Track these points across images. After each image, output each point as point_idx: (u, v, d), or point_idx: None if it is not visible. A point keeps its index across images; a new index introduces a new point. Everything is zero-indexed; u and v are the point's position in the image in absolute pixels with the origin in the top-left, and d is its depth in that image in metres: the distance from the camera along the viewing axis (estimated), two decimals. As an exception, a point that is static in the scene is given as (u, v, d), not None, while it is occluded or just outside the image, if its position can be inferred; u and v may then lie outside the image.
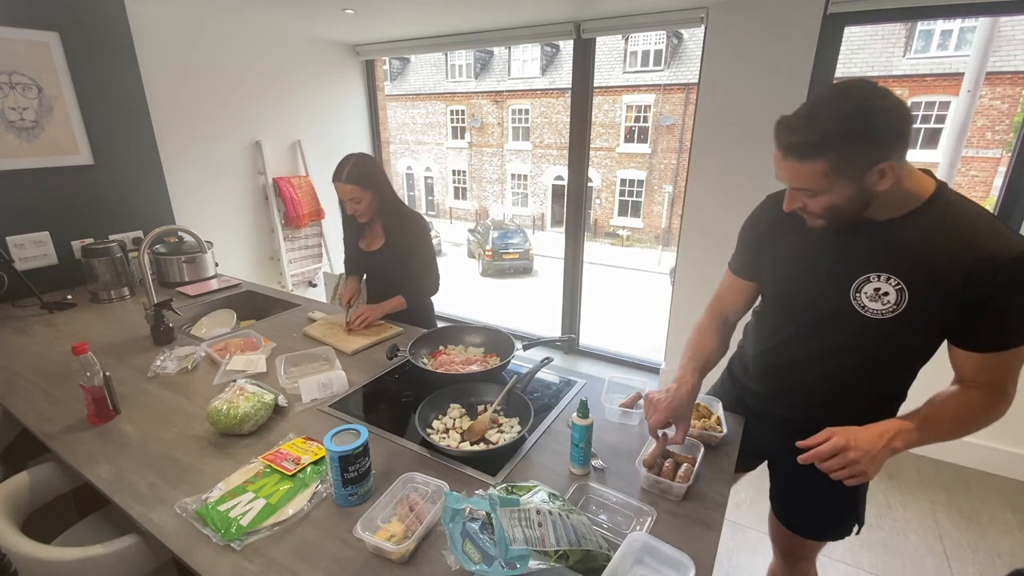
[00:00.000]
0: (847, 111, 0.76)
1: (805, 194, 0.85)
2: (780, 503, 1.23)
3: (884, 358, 0.95)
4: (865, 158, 0.78)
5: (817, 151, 0.79)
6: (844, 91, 0.78)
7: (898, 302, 0.87)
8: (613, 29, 2.80)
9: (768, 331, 1.11)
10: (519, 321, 6.91)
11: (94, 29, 2.10)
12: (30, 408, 1.27)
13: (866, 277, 0.89)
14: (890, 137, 0.77)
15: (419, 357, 1.45)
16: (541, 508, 0.79)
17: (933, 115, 10.77)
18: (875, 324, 0.89)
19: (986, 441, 2.33)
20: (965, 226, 0.83)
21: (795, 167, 0.82)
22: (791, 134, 0.81)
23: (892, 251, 0.87)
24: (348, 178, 1.63)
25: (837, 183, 0.81)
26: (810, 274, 0.97)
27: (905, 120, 0.76)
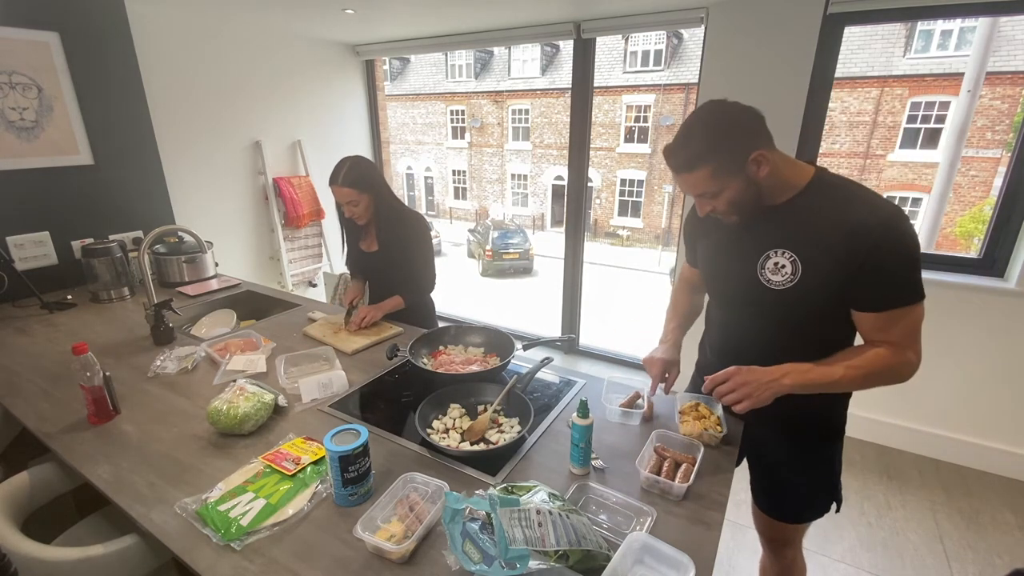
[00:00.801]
0: (708, 123, 0.94)
1: (707, 197, 0.99)
2: (758, 490, 1.28)
3: (802, 327, 1.05)
4: (737, 153, 0.92)
5: (698, 161, 0.93)
6: (704, 111, 0.95)
7: (794, 272, 0.99)
8: (613, 29, 2.80)
9: (713, 320, 1.27)
10: (519, 321, 6.91)
11: (94, 29, 2.10)
12: (30, 408, 1.27)
13: (767, 254, 1.02)
14: (747, 131, 0.93)
15: (419, 357, 1.45)
16: (541, 508, 0.79)
17: (933, 115, 10.78)
18: (781, 295, 1.01)
19: (986, 441, 2.34)
20: (841, 200, 0.96)
21: (688, 179, 0.96)
22: (675, 156, 0.96)
23: (784, 229, 1.00)
24: (344, 181, 1.63)
25: (725, 181, 0.94)
26: (727, 259, 1.12)
27: (753, 116, 0.93)
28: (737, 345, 1.17)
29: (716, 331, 1.25)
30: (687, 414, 1.15)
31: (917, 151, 11.08)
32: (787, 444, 1.17)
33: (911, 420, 2.46)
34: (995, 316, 2.19)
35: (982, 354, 2.26)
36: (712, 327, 1.28)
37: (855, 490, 2.23)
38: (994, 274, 2.24)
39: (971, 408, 2.34)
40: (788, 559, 1.35)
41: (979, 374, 2.28)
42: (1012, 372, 2.22)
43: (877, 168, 11.49)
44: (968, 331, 2.25)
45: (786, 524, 1.26)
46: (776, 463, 1.21)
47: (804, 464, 1.19)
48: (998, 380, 2.25)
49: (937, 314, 2.29)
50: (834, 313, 1.02)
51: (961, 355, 2.29)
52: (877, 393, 2.57)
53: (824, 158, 11.68)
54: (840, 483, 1.22)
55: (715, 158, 0.92)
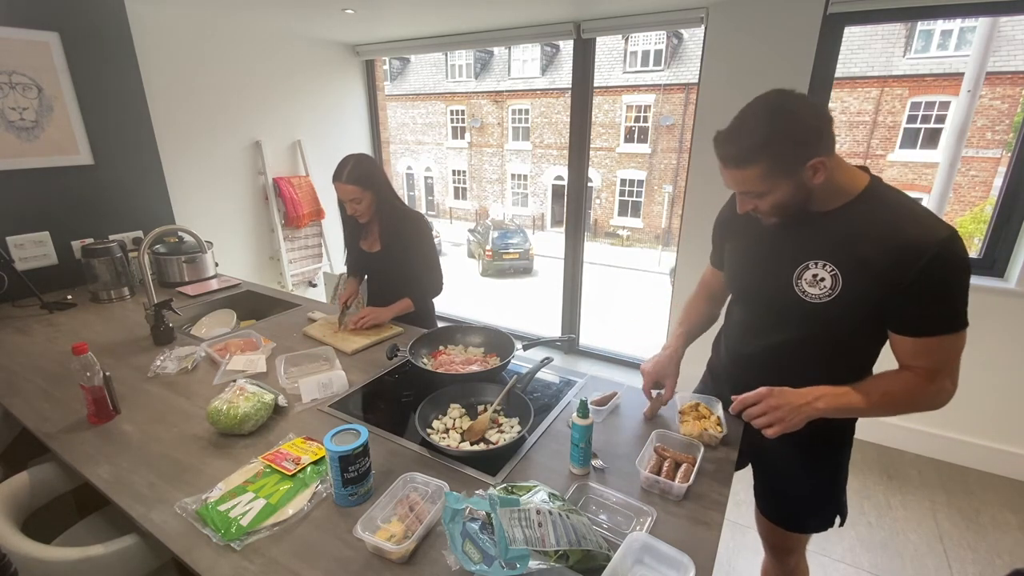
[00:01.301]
0: (770, 119, 0.85)
1: (751, 196, 0.93)
2: (763, 498, 1.27)
3: (832, 342, 1.01)
4: (794, 157, 0.85)
5: (751, 158, 0.87)
6: (765, 102, 0.87)
7: (833, 287, 0.93)
8: (613, 29, 2.80)
9: (733, 323, 1.20)
10: (519, 321, 6.91)
11: (94, 29, 2.10)
12: (30, 408, 1.27)
13: (805, 264, 0.96)
14: (812, 135, 0.85)
15: (419, 357, 1.45)
16: (541, 508, 0.79)
17: (933, 115, 10.77)
18: (816, 308, 0.96)
19: (986, 441, 2.34)
20: (892, 215, 0.89)
21: (736, 174, 0.90)
22: (726, 146, 0.90)
23: (827, 240, 0.94)
24: (348, 179, 1.63)
25: (776, 183, 0.88)
26: (760, 264, 1.05)
27: (821, 119, 0.85)
28: (756, 352, 1.12)
29: (736, 333, 1.19)
30: (687, 414, 1.15)
31: (917, 151, 11.08)
32: (793, 450, 1.13)
33: (911, 420, 2.46)
34: (995, 316, 2.19)
35: (982, 354, 2.25)
36: (732, 328, 1.21)
37: (855, 490, 2.23)
38: (994, 274, 2.24)
39: (971, 408, 2.34)
40: (791, 565, 1.33)
41: (979, 374, 2.28)
42: (1012, 372, 2.22)
43: (877, 168, 11.39)
44: (968, 331, 2.25)
45: (789, 532, 1.24)
46: (781, 469, 1.19)
47: (808, 474, 1.16)
48: (998, 380, 2.25)
49: (937, 314, 2.30)
50: (867, 332, 0.98)
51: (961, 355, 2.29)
52: (877, 393, 2.55)
53: (824, 158, 11.64)
54: (845, 496, 1.19)
55: (769, 158, 0.85)
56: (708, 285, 1.31)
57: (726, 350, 1.24)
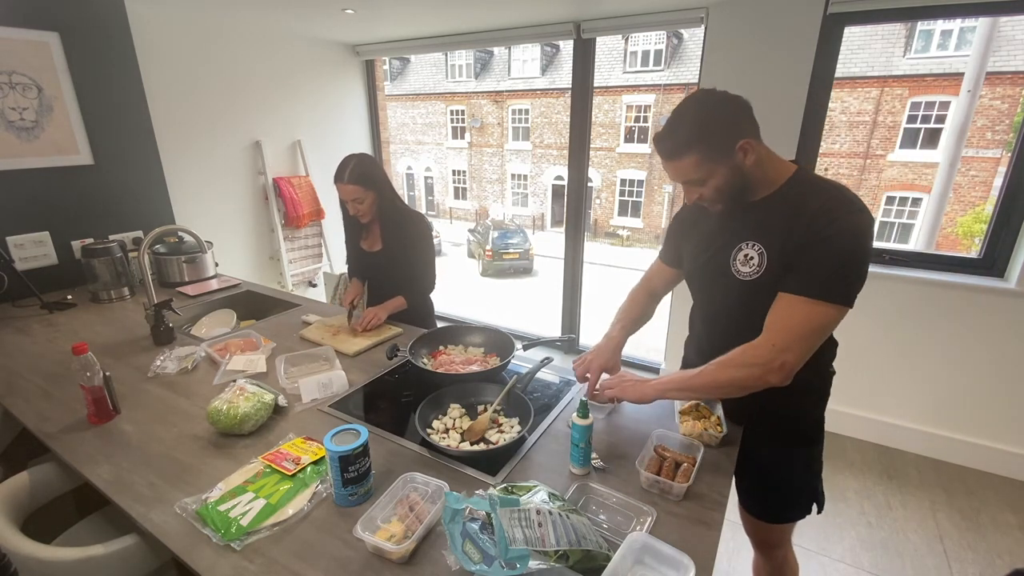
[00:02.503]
0: (696, 111, 0.95)
1: (694, 184, 1.00)
2: (742, 491, 1.29)
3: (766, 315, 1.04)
4: (723, 141, 0.93)
5: (684, 148, 0.95)
6: (691, 100, 0.97)
7: (760, 263, 1.01)
8: (613, 29, 2.80)
9: (695, 315, 1.27)
10: (519, 321, 6.91)
11: (94, 29, 2.10)
12: (30, 408, 1.27)
13: (739, 246, 1.05)
14: (734, 119, 0.94)
15: (419, 357, 1.45)
16: (541, 508, 0.79)
17: (933, 115, 10.77)
18: (748, 286, 1.03)
19: (986, 441, 2.34)
20: (809, 194, 0.97)
21: (675, 166, 0.98)
22: (662, 143, 0.98)
23: (757, 222, 1.02)
24: (350, 179, 1.63)
25: (712, 168, 0.96)
26: (705, 252, 1.14)
27: (740, 105, 0.95)
28: (709, 336, 1.20)
29: (696, 329, 1.27)
30: (687, 414, 1.15)
31: (917, 151, 11.07)
32: (766, 445, 1.18)
33: (911, 420, 2.46)
34: (995, 316, 2.19)
35: (982, 354, 2.25)
36: (694, 324, 1.29)
37: (855, 490, 2.23)
38: (994, 274, 2.24)
39: (971, 408, 2.34)
40: (779, 559, 1.36)
41: (979, 374, 2.28)
42: (1012, 372, 2.22)
43: (877, 168, 11.49)
44: (968, 331, 2.25)
45: (771, 525, 1.27)
46: (756, 463, 1.21)
47: (782, 464, 1.20)
48: (998, 380, 2.25)
49: (937, 314, 2.30)
50: None
51: (961, 355, 2.29)
52: (877, 393, 2.57)
53: (824, 158, 11.69)
54: (820, 485, 1.24)
55: (702, 145, 0.94)
56: (651, 280, 1.36)
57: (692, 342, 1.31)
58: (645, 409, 1.29)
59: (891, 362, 2.42)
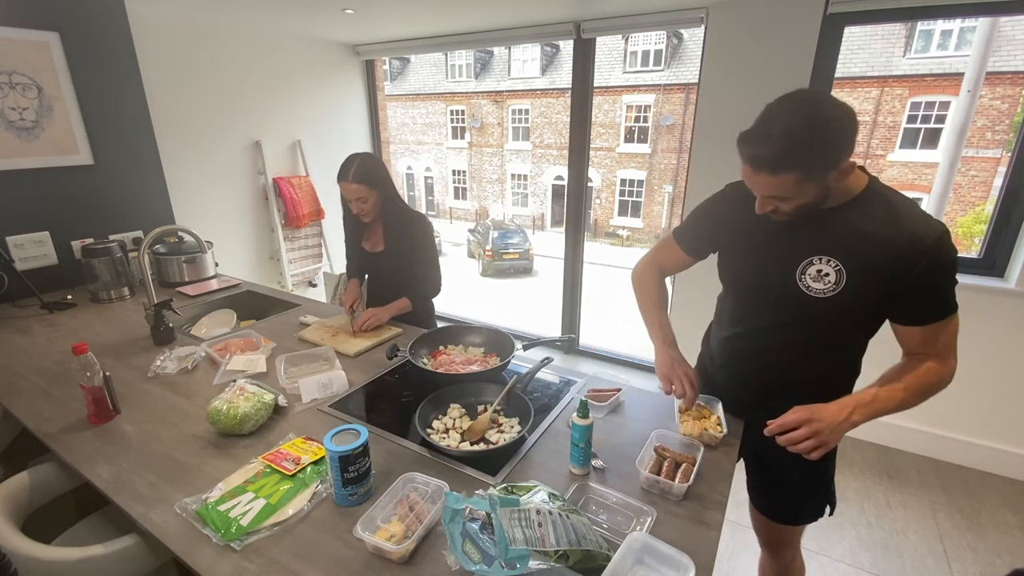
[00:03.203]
0: (808, 124, 0.83)
1: (776, 200, 0.93)
2: (756, 492, 1.28)
3: (830, 336, 1.04)
4: (829, 163, 0.86)
5: (788, 164, 0.85)
6: (800, 106, 0.85)
7: (837, 282, 0.96)
8: (613, 29, 2.80)
9: (728, 319, 1.20)
10: (519, 321, 6.91)
11: (94, 29, 2.10)
12: (30, 408, 1.26)
13: (809, 260, 0.98)
14: (846, 140, 0.85)
15: (419, 357, 1.45)
16: (541, 508, 0.79)
17: (933, 115, 10.77)
18: (819, 303, 0.98)
19: (986, 441, 2.34)
20: (891, 214, 0.93)
21: (767, 180, 0.89)
22: (758, 149, 0.87)
23: (832, 236, 0.96)
24: (355, 178, 1.62)
25: (807, 188, 0.89)
26: (763, 262, 1.06)
27: (854, 122, 0.85)
28: (753, 346, 1.13)
29: (732, 329, 1.18)
30: (687, 414, 1.15)
31: (917, 151, 11.07)
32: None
33: (911, 420, 2.46)
34: (995, 316, 2.19)
35: (982, 354, 2.25)
36: (726, 324, 1.21)
37: (855, 490, 2.23)
38: (994, 274, 2.24)
39: (971, 408, 2.34)
40: (787, 560, 1.35)
41: (979, 374, 2.28)
42: (1012, 372, 2.22)
43: (877, 168, 11.48)
44: (968, 331, 2.22)
45: (782, 526, 1.26)
46: (772, 463, 1.21)
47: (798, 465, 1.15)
48: (998, 380, 2.25)
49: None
50: (863, 326, 1.03)
51: (961, 355, 2.27)
52: (877, 393, 2.55)
53: (824, 158, 11.63)
54: (833, 486, 1.22)
55: (806, 166, 0.85)
56: (661, 261, 1.29)
57: (720, 345, 1.24)
58: (645, 409, 1.29)
59: (891, 362, 2.42)
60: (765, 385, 1.15)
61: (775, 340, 1.09)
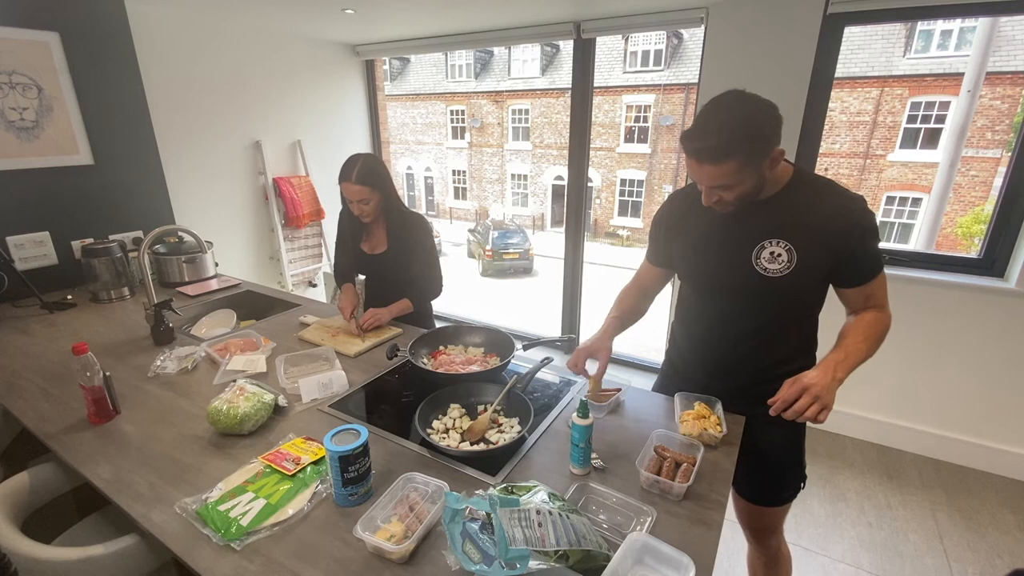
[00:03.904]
0: (743, 116, 0.94)
1: (720, 189, 1.01)
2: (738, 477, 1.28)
3: (790, 311, 1.14)
4: (765, 149, 0.96)
5: (729, 153, 0.94)
6: (733, 100, 0.96)
7: (790, 259, 1.06)
8: (613, 29, 2.80)
9: (694, 313, 1.27)
10: (519, 321, 6.91)
11: (94, 29, 2.10)
12: (30, 408, 1.27)
13: (762, 244, 1.08)
14: (774, 131, 0.96)
15: (419, 357, 1.45)
16: (541, 508, 0.79)
17: (933, 115, 10.77)
18: (776, 282, 1.07)
19: (986, 441, 2.34)
20: (822, 193, 1.06)
21: (711, 170, 0.97)
22: (701, 142, 0.96)
23: (777, 220, 1.07)
24: (358, 179, 1.61)
25: (747, 175, 0.98)
26: (719, 252, 1.14)
27: (778, 116, 0.96)
28: (720, 335, 1.20)
29: (697, 321, 1.25)
30: (687, 414, 1.15)
31: (917, 151, 11.07)
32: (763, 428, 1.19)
33: (911, 420, 2.46)
34: (995, 316, 2.19)
35: (982, 354, 2.25)
36: (690, 318, 1.28)
37: (855, 490, 2.23)
38: (994, 274, 2.24)
39: (971, 408, 2.34)
40: (773, 548, 1.39)
41: (979, 374, 2.28)
42: (1012, 372, 2.22)
43: (877, 168, 11.49)
44: (968, 331, 2.25)
45: (766, 508, 1.30)
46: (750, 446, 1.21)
47: (775, 444, 1.23)
48: (998, 380, 2.25)
49: (937, 314, 2.30)
50: (817, 294, 1.14)
51: (961, 355, 2.29)
52: (877, 393, 2.57)
53: (824, 158, 11.68)
54: (804, 462, 1.28)
55: (746, 153, 0.94)
56: (642, 280, 1.36)
57: (686, 340, 1.31)
58: (645, 409, 1.29)
59: (891, 362, 2.42)
60: (739, 373, 1.22)
61: (741, 326, 1.16)
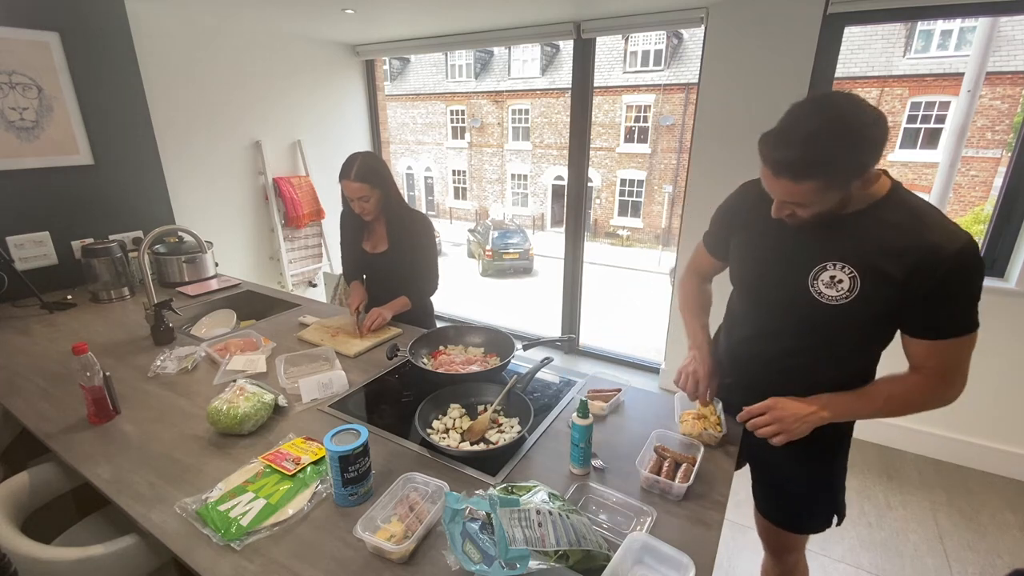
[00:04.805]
0: (836, 129, 0.79)
1: (794, 205, 0.89)
2: (762, 498, 1.26)
3: (841, 343, 1.00)
4: (854, 172, 0.82)
5: (811, 172, 0.81)
6: (828, 107, 0.81)
7: (851, 289, 0.92)
8: (613, 29, 2.80)
9: (738, 320, 1.18)
10: (519, 321, 6.91)
11: (94, 29, 2.10)
12: (30, 408, 1.26)
13: (823, 265, 0.94)
14: (874, 148, 0.81)
15: (419, 357, 1.45)
16: (541, 508, 0.79)
17: (933, 115, 10.77)
18: (831, 310, 0.94)
19: (986, 441, 2.34)
20: (912, 221, 0.88)
21: (789, 186, 0.85)
22: (782, 153, 0.83)
23: (847, 242, 0.92)
24: (357, 176, 1.62)
25: (828, 196, 0.85)
26: (774, 263, 1.03)
27: (885, 130, 0.80)
28: (762, 350, 1.11)
29: (741, 331, 1.16)
30: (687, 414, 1.15)
31: (917, 151, 11.07)
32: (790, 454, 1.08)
33: (911, 420, 2.46)
34: (995, 316, 2.19)
35: (982, 354, 2.22)
36: (735, 325, 1.18)
37: (855, 490, 2.23)
38: (994, 274, 2.24)
39: (971, 408, 2.33)
40: (790, 564, 1.33)
41: (979, 374, 2.25)
42: (1012, 372, 2.22)
43: (877, 168, 11.48)
44: (968, 331, 2.25)
45: (788, 533, 1.23)
46: (779, 470, 1.19)
47: (806, 475, 1.16)
48: (998, 380, 2.25)
49: (937, 314, 2.30)
50: (876, 334, 0.99)
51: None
52: (877, 393, 2.54)
53: (824, 158, 11.64)
54: (843, 496, 1.19)
55: (830, 175, 0.81)
56: (699, 267, 1.29)
57: (728, 347, 1.22)
58: (645, 409, 1.29)
59: (891, 362, 2.42)
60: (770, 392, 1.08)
61: (782, 346, 1.05)
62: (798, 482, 1.17)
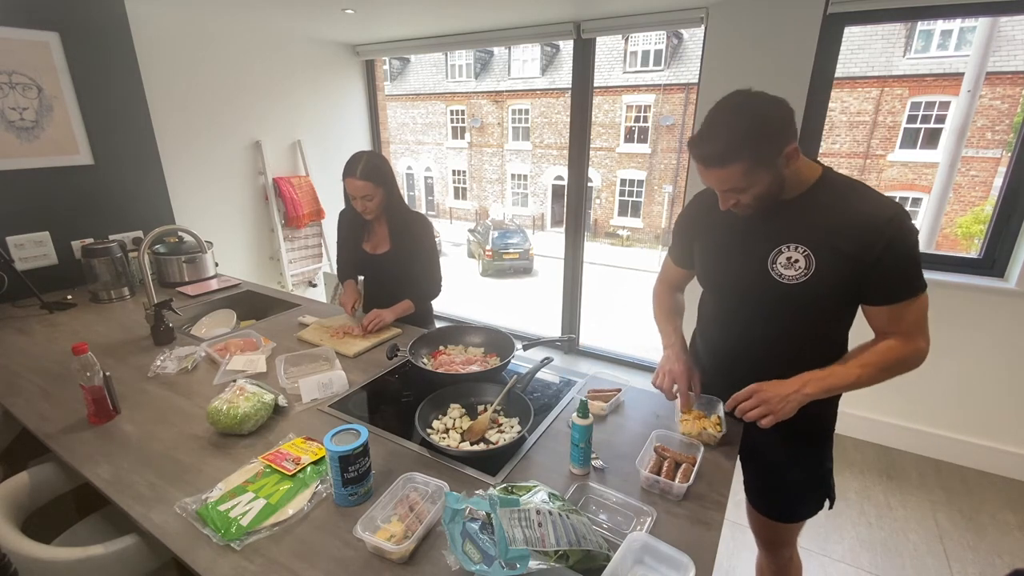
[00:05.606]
0: (743, 116, 0.91)
1: (734, 192, 0.97)
2: (754, 492, 1.29)
3: (808, 321, 1.06)
4: (771, 148, 0.91)
5: (733, 156, 0.91)
6: (733, 102, 0.93)
7: (807, 267, 0.99)
8: (613, 29, 2.80)
9: (709, 315, 1.25)
10: (519, 321, 6.91)
11: (94, 29, 2.10)
12: (30, 408, 1.27)
13: (779, 248, 1.02)
14: (783, 126, 0.91)
15: (419, 357, 1.45)
16: (541, 508, 0.79)
17: (933, 115, 10.77)
18: (792, 289, 1.01)
19: (986, 441, 2.34)
20: (850, 197, 0.98)
21: (719, 173, 0.94)
22: (705, 147, 0.94)
23: (797, 225, 1.01)
24: (362, 174, 1.61)
25: (757, 176, 0.93)
26: (735, 254, 1.10)
27: (787, 109, 0.92)
28: (737, 341, 1.16)
29: (714, 326, 1.23)
30: (687, 414, 1.15)
31: (917, 151, 11.08)
32: (779, 443, 1.16)
33: (911, 420, 2.46)
34: (995, 316, 2.19)
35: (982, 354, 2.25)
36: (708, 323, 1.25)
37: (855, 490, 2.23)
38: (994, 274, 2.24)
39: (971, 408, 2.34)
40: (784, 558, 1.36)
41: (979, 374, 2.28)
42: (1012, 372, 2.22)
43: (877, 168, 11.49)
44: (968, 331, 2.25)
45: (781, 524, 1.26)
46: (769, 463, 1.21)
47: (796, 462, 1.19)
48: (998, 380, 2.25)
49: (937, 314, 2.27)
50: (838, 307, 1.05)
51: (961, 355, 2.29)
52: (877, 393, 2.57)
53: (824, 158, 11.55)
54: (832, 479, 1.23)
55: (751, 154, 0.90)
56: (668, 279, 1.36)
57: (704, 345, 1.28)
58: (645, 409, 1.29)
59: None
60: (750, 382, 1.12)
61: (753, 334, 1.12)
62: (789, 473, 1.20)
